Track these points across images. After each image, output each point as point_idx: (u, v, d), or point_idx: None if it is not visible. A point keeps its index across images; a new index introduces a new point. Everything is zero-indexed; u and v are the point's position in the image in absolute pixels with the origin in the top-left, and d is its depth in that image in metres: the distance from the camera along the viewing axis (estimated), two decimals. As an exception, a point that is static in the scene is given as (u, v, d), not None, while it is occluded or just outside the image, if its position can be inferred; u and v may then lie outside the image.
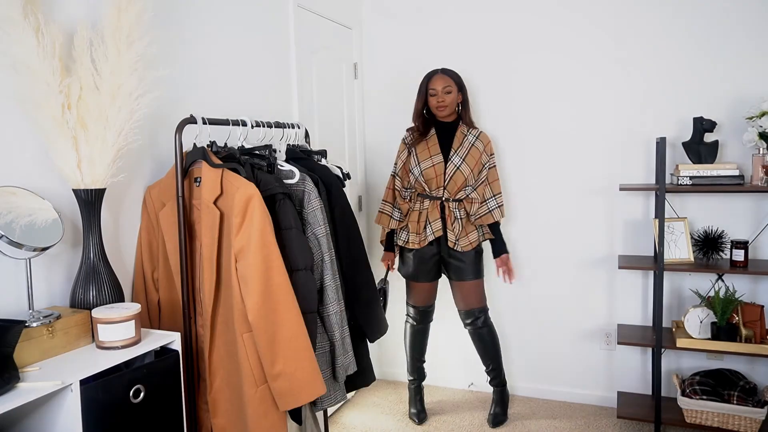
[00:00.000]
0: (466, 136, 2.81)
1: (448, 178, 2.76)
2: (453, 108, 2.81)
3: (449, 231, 2.79)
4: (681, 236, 2.74)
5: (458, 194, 2.80)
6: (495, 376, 2.96)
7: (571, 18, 2.98)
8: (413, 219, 2.84)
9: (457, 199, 2.80)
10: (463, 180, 2.77)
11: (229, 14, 2.32)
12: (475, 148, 2.80)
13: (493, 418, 2.93)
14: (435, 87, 2.75)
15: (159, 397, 1.54)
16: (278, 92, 2.64)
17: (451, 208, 2.79)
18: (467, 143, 2.80)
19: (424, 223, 2.81)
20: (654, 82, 2.87)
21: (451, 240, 2.79)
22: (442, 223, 2.79)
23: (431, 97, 2.77)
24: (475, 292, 2.87)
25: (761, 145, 2.53)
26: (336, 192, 2.13)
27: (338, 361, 2.01)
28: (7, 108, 1.49)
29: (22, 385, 1.25)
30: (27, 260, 1.43)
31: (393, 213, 2.92)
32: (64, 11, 1.63)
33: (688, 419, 2.64)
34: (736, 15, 2.72)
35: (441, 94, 2.75)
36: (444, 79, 2.76)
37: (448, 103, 2.76)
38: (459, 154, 2.78)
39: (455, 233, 2.78)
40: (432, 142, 2.81)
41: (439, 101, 2.75)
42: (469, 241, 2.81)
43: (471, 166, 2.78)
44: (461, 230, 2.79)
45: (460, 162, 2.77)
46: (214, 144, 1.90)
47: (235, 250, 1.69)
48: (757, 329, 2.56)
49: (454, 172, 2.76)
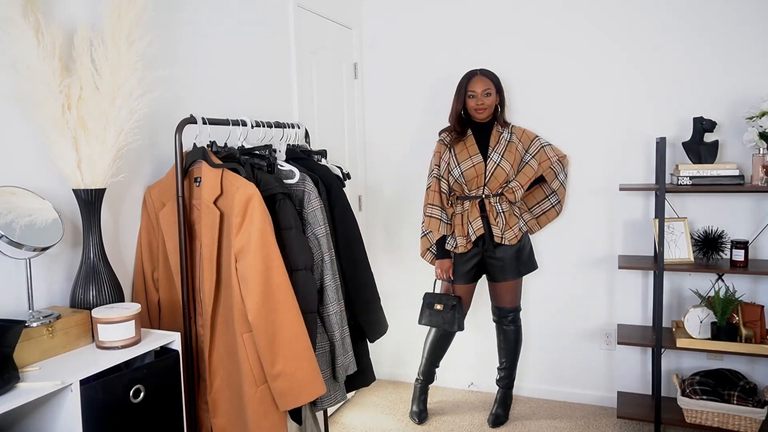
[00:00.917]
0: (501, 134, 2.80)
1: (489, 176, 2.74)
2: (492, 111, 2.78)
3: (494, 226, 2.75)
4: (681, 236, 2.74)
5: (498, 189, 2.78)
6: (506, 375, 2.96)
7: (572, 18, 2.98)
8: (458, 222, 2.79)
9: (497, 194, 2.78)
10: (505, 176, 2.76)
11: (229, 14, 2.32)
12: (511, 143, 2.80)
13: (494, 419, 2.92)
14: (475, 89, 2.72)
15: (159, 397, 1.54)
16: (278, 92, 2.64)
17: (492, 203, 2.76)
18: (503, 141, 2.79)
19: (467, 225, 2.77)
20: (654, 82, 2.87)
21: (497, 235, 2.74)
22: (483, 221, 2.76)
23: (470, 99, 2.73)
24: (512, 291, 2.86)
25: (761, 145, 2.53)
26: (336, 192, 2.13)
27: (338, 361, 2.01)
28: (7, 108, 1.49)
29: (22, 385, 1.25)
30: (27, 260, 1.43)
31: (442, 216, 2.81)
32: (64, 11, 1.63)
33: (688, 419, 2.64)
34: (736, 15, 2.72)
35: (480, 97, 2.71)
36: (484, 82, 2.73)
37: (488, 106, 2.73)
38: (497, 152, 2.76)
39: (500, 227, 2.75)
40: (470, 142, 2.78)
41: (478, 104, 2.72)
42: (514, 234, 2.76)
43: (511, 162, 2.78)
44: (505, 224, 2.75)
45: (500, 159, 2.75)
46: (214, 144, 1.90)
47: (235, 250, 1.69)
48: (757, 329, 2.56)
49: (495, 169, 2.74)
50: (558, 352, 3.18)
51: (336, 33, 3.16)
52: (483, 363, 3.30)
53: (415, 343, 3.41)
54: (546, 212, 2.99)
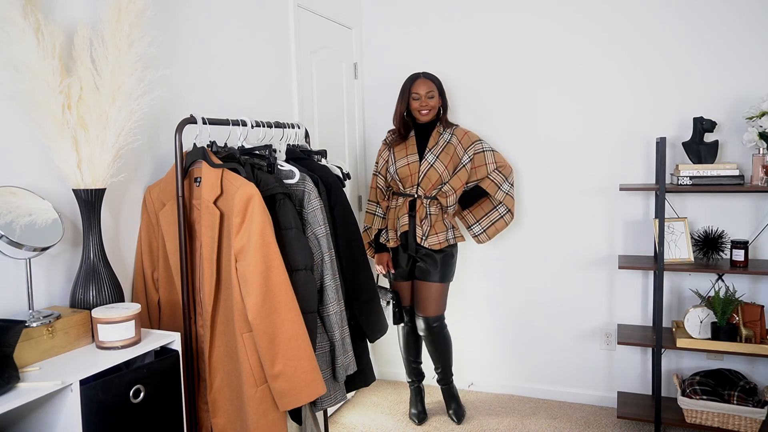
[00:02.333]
0: (441, 134, 2.84)
1: (422, 176, 2.79)
2: (435, 112, 2.85)
3: (417, 227, 2.78)
4: (681, 236, 2.74)
5: (432, 191, 2.80)
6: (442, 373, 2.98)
7: (572, 18, 2.98)
8: (391, 216, 2.89)
9: (430, 196, 2.80)
10: (437, 177, 2.78)
11: (229, 14, 2.32)
12: (449, 145, 2.82)
13: (456, 415, 2.97)
14: (418, 91, 2.78)
15: (159, 397, 1.54)
16: (278, 92, 2.64)
17: (423, 203, 2.79)
18: (442, 141, 2.83)
19: (395, 219, 2.85)
20: (654, 82, 2.87)
21: (419, 235, 2.78)
22: (409, 219, 2.80)
23: (414, 101, 2.80)
24: (435, 297, 2.84)
25: (761, 145, 2.53)
26: (336, 192, 2.13)
27: (338, 361, 2.01)
28: (7, 108, 1.49)
29: (22, 385, 1.25)
30: (27, 260, 1.43)
31: (377, 211, 2.96)
32: (64, 11, 1.63)
33: (688, 419, 2.64)
34: (736, 15, 2.72)
35: (424, 99, 2.78)
36: (427, 84, 2.79)
37: (431, 107, 2.80)
38: (433, 152, 2.80)
39: (423, 229, 2.78)
40: (410, 143, 2.86)
41: (422, 105, 2.79)
42: (438, 240, 2.78)
43: (445, 163, 2.79)
44: (430, 227, 2.78)
45: (434, 159, 2.79)
46: (214, 144, 1.90)
47: (235, 250, 1.69)
48: (757, 329, 2.56)
49: (428, 170, 2.78)
50: (558, 352, 3.18)
51: (336, 33, 3.16)
52: (483, 363, 3.31)
53: (415, 343, 3.41)
54: (495, 223, 2.91)
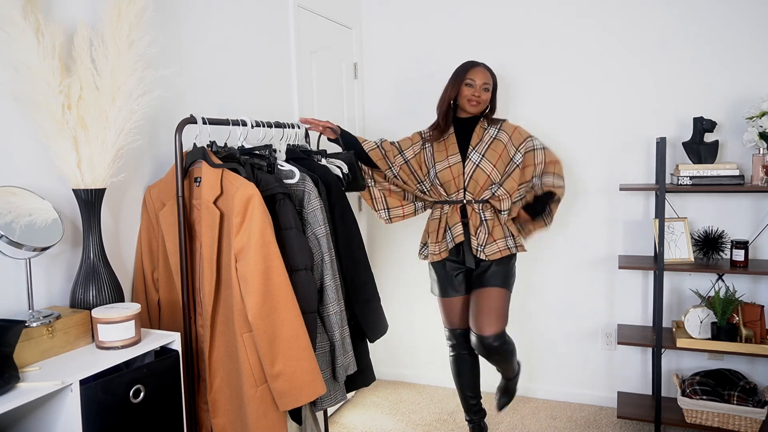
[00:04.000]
0: (486, 129, 2.50)
1: (468, 178, 2.45)
2: (483, 108, 2.51)
3: (472, 237, 2.43)
4: (681, 236, 2.74)
5: (482, 195, 2.46)
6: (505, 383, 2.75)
7: (572, 17, 2.98)
8: (432, 228, 2.52)
9: (481, 200, 2.47)
10: (486, 178, 2.44)
11: (229, 14, 2.32)
12: (497, 141, 2.47)
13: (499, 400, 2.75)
14: (475, 78, 2.44)
15: (159, 397, 1.54)
16: (278, 92, 2.64)
17: (475, 209, 2.45)
18: (488, 137, 2.48)
19: (444, 229, 2.48)
20: (654, 82, 2.87)
21: (474, 246, 2.43)
22: (463, 227, 2.45)
23: (467, 87, 2.44)
24: (497, 307, 2.42)
25: (761, 145, 2.53)
26: (336, 192, 2.13)
27: (338, 361, 2.01)
28: (7, 108, 1.49)
29: (22, 385, 1.25)
30: (27, 260, 1.43)
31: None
32: (64, 11, 1.63)
33: (689, 419, 2.64)
34: (737, 15, 2.72)
35: (479, 89, 2.44)
36: (486, 75, 2.47)
37: (483, 101, 2.47)
38: (478, 151, 2.45)
39: (479, 239, 2.43)
40: (450, 141, 2.50)
41: (474, 94, 2.44)
42: (498, 248, 2.42)
43: (493, 162, 2.44)
44: (488, 236, 2.43)
45: (480, 158, 2.44)
46: (214, 144, 1.90)
47: (235, 250, 1.69)
48: (757, 329, 2.56)
49: (474, 171, 2.44)
50: (558, 352, 3.18)
51: (336, 33, 3.16)
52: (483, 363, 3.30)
53: (415, 343, 3.42)
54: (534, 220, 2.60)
